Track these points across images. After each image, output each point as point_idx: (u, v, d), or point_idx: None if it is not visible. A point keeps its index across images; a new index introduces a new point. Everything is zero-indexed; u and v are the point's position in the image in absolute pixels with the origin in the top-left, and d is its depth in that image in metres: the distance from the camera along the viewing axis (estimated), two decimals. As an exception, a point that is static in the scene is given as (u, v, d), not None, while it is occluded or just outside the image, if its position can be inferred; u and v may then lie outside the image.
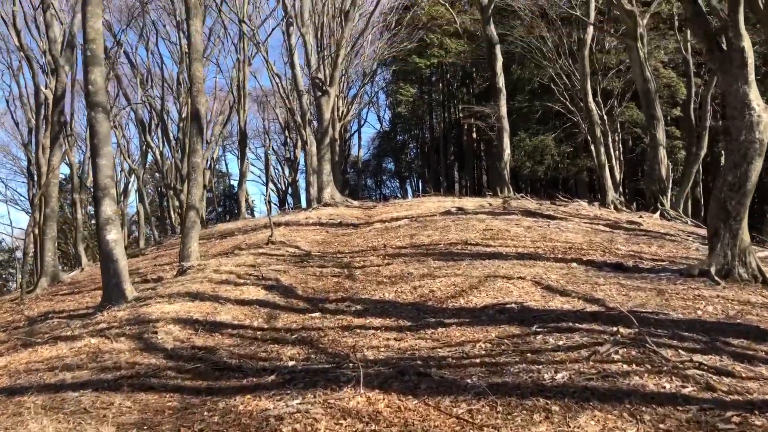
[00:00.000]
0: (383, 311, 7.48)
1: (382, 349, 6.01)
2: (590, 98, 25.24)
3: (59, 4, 17.63)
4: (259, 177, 61.27)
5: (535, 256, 9.96)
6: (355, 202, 23.75)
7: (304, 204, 30.51)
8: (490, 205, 17.22)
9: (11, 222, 45.44)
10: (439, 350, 5.88)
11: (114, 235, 9.33)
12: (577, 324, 6.37)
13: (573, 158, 35.26)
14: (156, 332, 6.89)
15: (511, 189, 26.68)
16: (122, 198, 44.35)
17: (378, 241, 12.78)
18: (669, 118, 29.21)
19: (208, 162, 41.44)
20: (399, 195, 55.87)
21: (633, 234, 12.73)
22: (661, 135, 20.46)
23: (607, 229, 13.43)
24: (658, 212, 19.40)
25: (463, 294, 7.71)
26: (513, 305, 7.05)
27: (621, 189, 28.20)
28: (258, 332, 7.05)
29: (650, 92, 20.61)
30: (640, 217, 17.34)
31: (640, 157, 36.14)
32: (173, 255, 15.47)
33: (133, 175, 38.74)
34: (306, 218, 18.26)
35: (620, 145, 33.85)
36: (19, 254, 44.43)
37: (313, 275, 10.11)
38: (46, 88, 18.97)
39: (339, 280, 9.70)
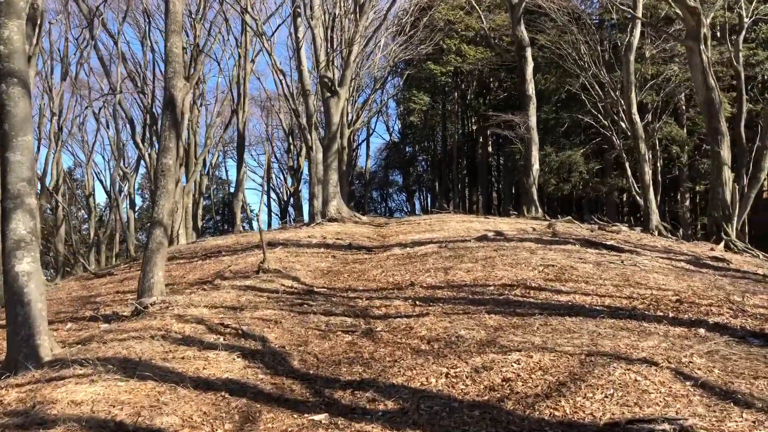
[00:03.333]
0: (432, 419, 4.47)
1: None
2: (634, 109, 22.33)
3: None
4: (261, 185, 58.48)
5: (635, 313, 6.95)
6: (365, 218, 20.77)
7: (306, 217, 27.53)
8: (534, 230, 14.19)
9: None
10: None
11: (27, 266, 6.33)
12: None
13: (602, 176, 32.26)
14: (37, 458, 3.90)
15: (539, 208, 23.81)
16: (117, 203, 41.39)
17: (401, 275, 9.78)
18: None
19: (206, 167, 38.63)
20: (407, 209, 52.98)
21: (732, 276, 9.73)
22: (726, 153, 17.46)
23: (693, 267, 10.45)
24: (722, 243, 16.45)
25: (562, 391, 4.69)
26: (666, 429, 4.04)
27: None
28: (219, 461, 4.06)
29: (714, 103, 17.65)
30: (712, 249, 14.37)
31: (676, 179, 33.21)
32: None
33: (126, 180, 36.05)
34: (308, 237, 15.28)
35: (657, 165, 30.89)
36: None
37: (316, 329, 7.10)
38: None
39: (354, 339, 6.70)
